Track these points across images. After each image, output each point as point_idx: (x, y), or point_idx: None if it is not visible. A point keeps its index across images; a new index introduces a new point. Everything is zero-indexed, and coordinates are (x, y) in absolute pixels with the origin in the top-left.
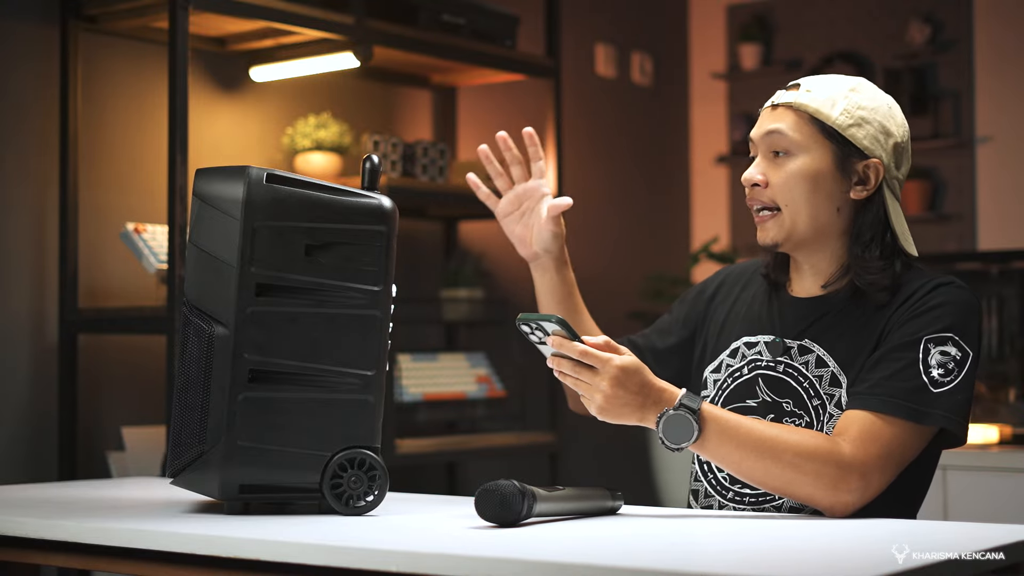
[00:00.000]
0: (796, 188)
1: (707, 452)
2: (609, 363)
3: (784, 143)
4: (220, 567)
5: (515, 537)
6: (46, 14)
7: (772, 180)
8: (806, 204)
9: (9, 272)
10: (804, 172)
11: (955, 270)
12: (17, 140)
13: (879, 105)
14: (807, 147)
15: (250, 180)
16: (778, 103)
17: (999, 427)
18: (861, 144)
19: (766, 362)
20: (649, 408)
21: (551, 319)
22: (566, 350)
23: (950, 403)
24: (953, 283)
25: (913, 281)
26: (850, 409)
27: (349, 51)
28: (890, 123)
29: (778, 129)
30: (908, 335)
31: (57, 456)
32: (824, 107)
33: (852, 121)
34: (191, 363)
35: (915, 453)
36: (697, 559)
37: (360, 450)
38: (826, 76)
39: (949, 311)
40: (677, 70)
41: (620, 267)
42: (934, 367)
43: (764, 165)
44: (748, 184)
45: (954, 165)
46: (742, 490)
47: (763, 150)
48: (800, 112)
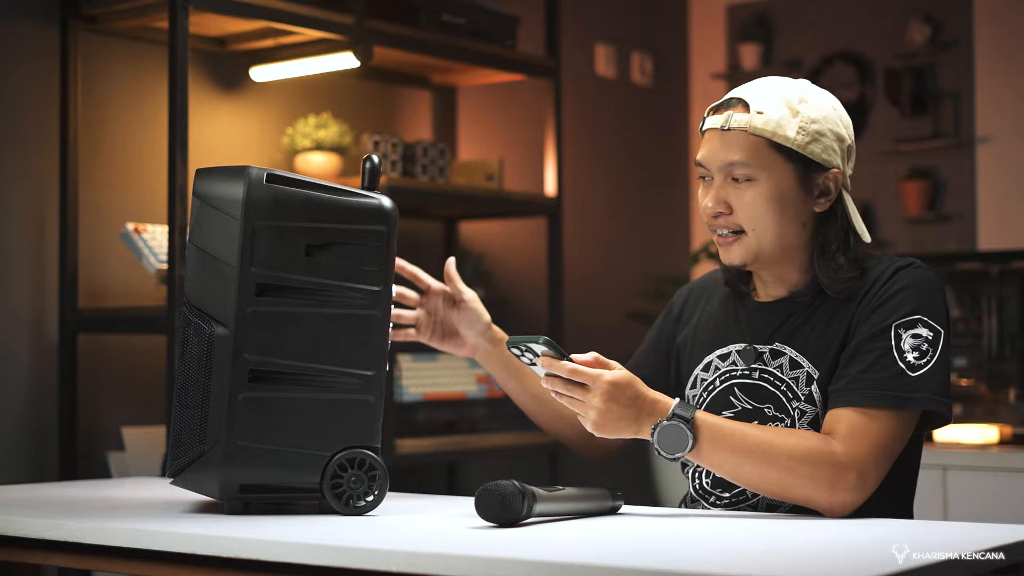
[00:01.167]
0: (763, 213)
1: (703, 460)
2: (600, 379)
3: (744, 171)
4: (220, 567)
5: (515, 537)
6: (46, 14)
7: (735, 206)
8: (773, 226)
9: (9, 272)
10: (769, 196)
11: (955, 270)
12: (17, 140)
13: (827, 112)
14: (768, 170)
15: (250, 180)
16: (729, 127)
17: (999, 427)
18: (820, 159)
19: (741, 371)
20: (643, 420)
21: (538, 340)
22: (556, 370)
23: (930, 384)
24: (912, 264)
25: (872, 269)
26: (834, 407)
27: (349, 51)
28: (839, 128)
29: (737, 160)
30: (877, 324)
31: (57, 456)
32: (780, 128)
33: (809, 138)
34: (191, 363)
35: (905, 440)
36: (697, 559)
37: (360, 450)
38: (767, 87)
39: (912, 293)
40: (677, 70)
41: (620, 267)
42: (908, 351)
43: (724, 192)
44: (710, 215)
45: (954, 165)
46: (722, 494)
47: (720, 177)
48: (756, 137)
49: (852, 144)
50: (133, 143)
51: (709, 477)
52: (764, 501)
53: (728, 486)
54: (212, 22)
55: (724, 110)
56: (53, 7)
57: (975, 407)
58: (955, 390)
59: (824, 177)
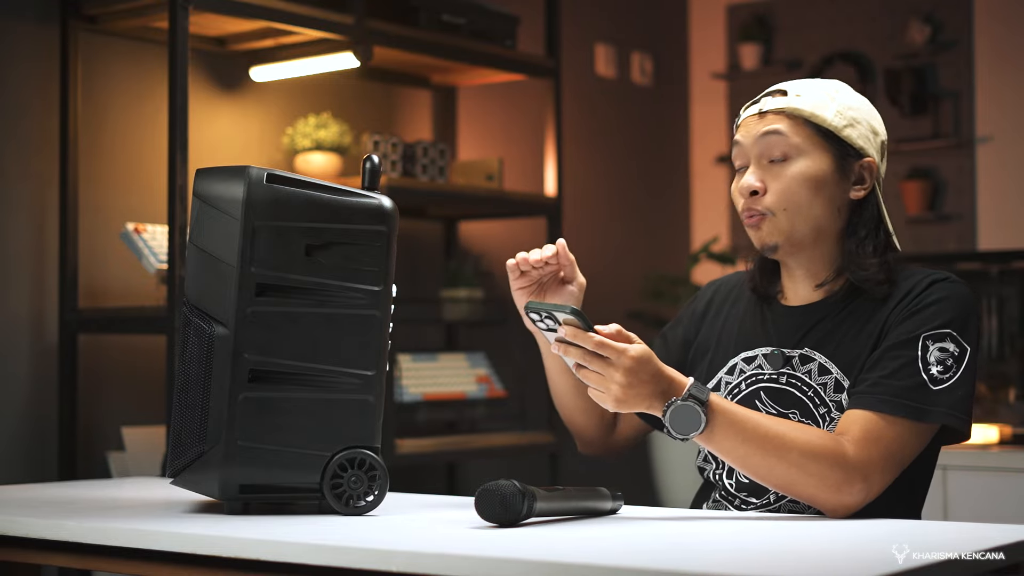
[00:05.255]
0: (799, 192)
1: (713, 444)
2: (625, 354)
3: (782, 147)
4: (220, 567)
5: (515, 537)
6: (46, 14)
7: (771, 187)
8: (808, 208)
9: (9, 272)
10: (806, 176)
11: (955, 270)
12: (17, 140)
13: (862, 105)
14: (806, 150)
15: (250, 180)
16: (766, 110)
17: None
18: (856, 144)
19: (768, 375)
20: (658, 397)
21: (565, 309)
22: (581, 341)
23: (950, 399)
24: (949, 279)
25: (909, 279)
26: (851, 408)
27: (349, 51)
28: (876, 122)
29: (776, 130)
30: (906, 333)
31: (57, 456)
32: (818, 109)
33: (846, 122)
34: (191, 363)
35: (917, 451)
36: (697, 559)
37: (360, 450)
38: (806, 81)
39: (946, 307)
40: (677, 70)
41: (620, 267)
42: (933, 364)
43: (760, 172)
44: (746, 193)
45: (954, 165)
46: (748, 498)
47: (756, 157)
48: (794, 117)
49: (886, 141)
50: (133, 143)
51: (732, 478)
52: (786, 507)
53: (757, 493)
54: (212, 22)
55: (762, 99)
56: (53, 7)
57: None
58: None
59: (860, 164)
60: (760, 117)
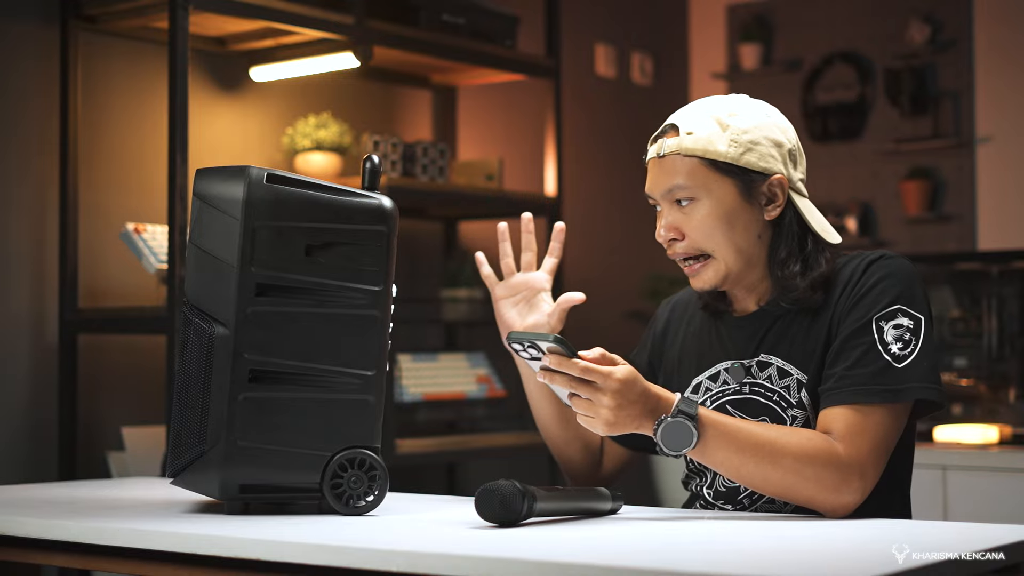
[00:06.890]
0: (714, 231)
1: (706, 458)
2: (611, 377)
3: (685, 192)
4: (220, 567)
5: (515, 537)
6: (46, 14)
7: (686, 230)
8: (729, 243)
9: (9, 272)
10: (715, 215)
11: (955, 270)
12: (17, 140)
13: (759, 121)
14: (709, 188)
15: (250, 180)
16: (663, 153)
17: (999, 427)
18: (757, 167)
19: (732, 388)
20: (648, 416)
21: (548, 338)
22: (567, 368)
23: (918, 372)
24: (884, 255)
25: (847, 266)
26: (827, 407)
27: (349, 51)
28: (775, 134)
29: (675, 183)
30: (858, 320)
31: (57, 456)
32: (711, 144)
33: (742, 149)
34: (191, 363)
35: (899, 433)
36: (697, 559)
37: (360, 450)
38: (697, 107)
39: (889, 284)
40: (677, 70)
41: (620, 267)
42: (892, 343)
43: (672, 217)
44: (664, 242)
45: (954, 165)
46: (724, 506)
47: (666, 204)
48: (689, 157)
49: (794, 147)
50: (133, 143)
51: (712, 489)
52: (763, 507)
53: (732, 499)
54: (212, 22)
55: (659, 139)
56: (53, 7)
57: (975, 407)
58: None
59: (767, 184)
60: (659, 160)
